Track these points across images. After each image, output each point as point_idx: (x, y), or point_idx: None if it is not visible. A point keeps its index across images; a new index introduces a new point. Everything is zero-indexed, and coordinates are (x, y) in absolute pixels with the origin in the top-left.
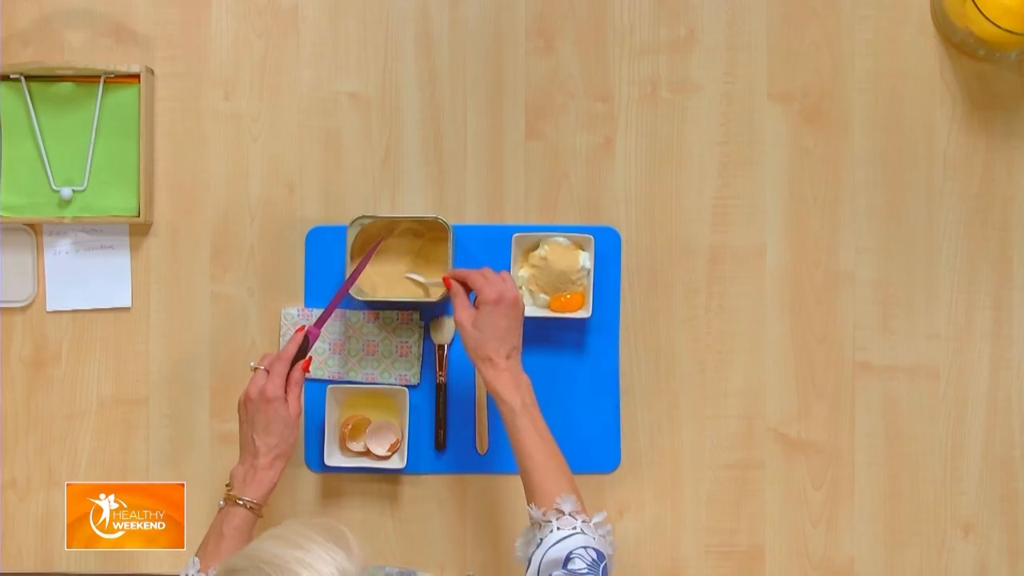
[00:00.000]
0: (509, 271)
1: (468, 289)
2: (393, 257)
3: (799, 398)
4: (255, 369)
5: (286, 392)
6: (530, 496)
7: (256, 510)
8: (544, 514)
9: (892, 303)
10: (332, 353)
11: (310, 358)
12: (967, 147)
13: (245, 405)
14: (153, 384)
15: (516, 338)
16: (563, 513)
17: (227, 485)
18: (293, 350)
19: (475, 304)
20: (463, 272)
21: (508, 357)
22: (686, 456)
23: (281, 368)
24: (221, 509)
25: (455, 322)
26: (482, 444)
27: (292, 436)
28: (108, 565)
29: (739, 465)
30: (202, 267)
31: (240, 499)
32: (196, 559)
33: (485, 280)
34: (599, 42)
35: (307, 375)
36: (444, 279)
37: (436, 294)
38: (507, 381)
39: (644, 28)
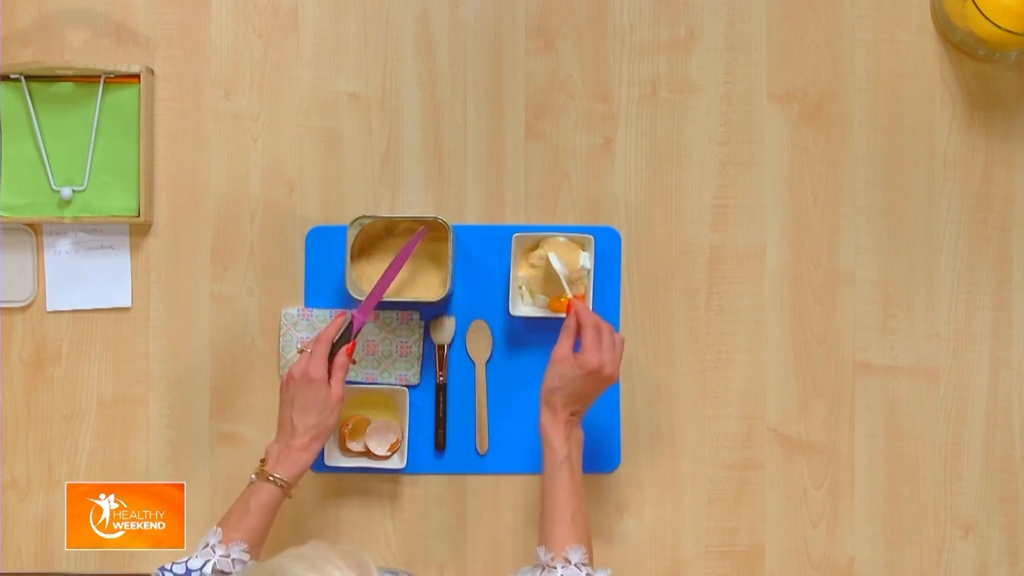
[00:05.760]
0: (623, 339)
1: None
2: (392, 256)
3: (799, 398)
4: (301, 351)
5: (330, 376)
6: (542, 538)
7: (286, 489)
8: (552, 559)
9: (892, 303)
10: None
11: (354, 343)
12: (967, 147)
13: (287, 384)
14: (153, 384)
15: (588, 403)
16: (569, 563)
17: (261, 460)
18: (333, 332)
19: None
20: (587, 317)
21: (572, 413)
22: (686, 456)
23: (321, 349)
24: (251, 483)
25: (553, 354)
26: (482, 444)
27: (331, 419)
28: (108, 565)
29: (739, 465)
30: (202, 267)
31: (271, 476)
32: (218, 529)
33: (597, 343)
34: (599, 42)
35: (352, 362)
36: (568, 303)
37: (436, 296)
38: (560, 430)
39: (644, 28)
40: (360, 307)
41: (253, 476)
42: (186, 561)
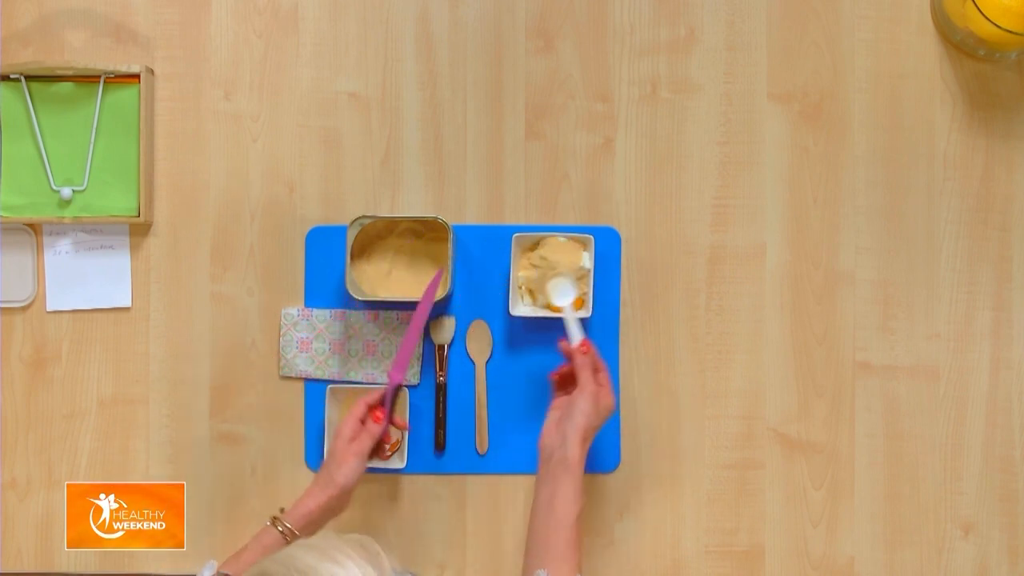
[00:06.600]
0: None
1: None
2: (392, 256)
3: (799, 398)
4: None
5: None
6: (544, 561)
7: (288, 536)
8: None
9: (892, 303)
10: (332, 353)
11: (384, 410)
12: (967, 147)
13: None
14: (153, 384)
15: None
16: None
17: (281, 509)
18: (374, 397)
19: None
20: (600, 362)
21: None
22: (686, 456)
23: (356, 410)
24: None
25: (587, 392)
26: (482, 444)
27: (341, 473)
28: (108, 565)
29: (739, 465)
30: (202, 267)
31: (280, 525)
32: (213, 563)
33: (606, 381)
34: (599, 42)
35: (399, 430)
36: (585, 349)
37: (436, 296)
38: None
39: (644, 28)
40: (394, 367)
41: (268, 521)
42: None
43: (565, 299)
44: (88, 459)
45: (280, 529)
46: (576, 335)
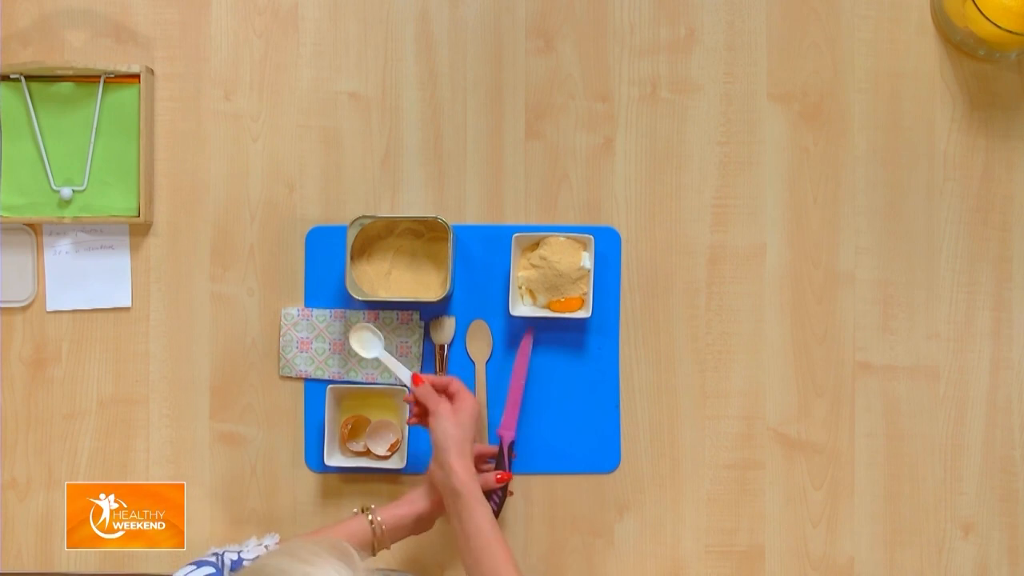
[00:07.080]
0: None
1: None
2: (392, 256)
3: (799, 398)
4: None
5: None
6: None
7: (377, 529)
8: None
9: (892, 303)
10: (332, 353)
11: (507, 475)
12: (967, 147)
13: None
14: (153, 384)
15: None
16: None
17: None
18: (491, 451)
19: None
20: (439, 380)
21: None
22: (686, 456)
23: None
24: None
25: (444, 411)
26: (482, 444)
27: (432, 490)
28: (108, 565)
29: (739, 465)
30: (202, 267)
31: (371, 515)
32: (276, 535)
33: (461, 390)
34: (599, 42)
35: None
36: (416, 383)
37: (436, 296)
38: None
39: (644, 28)
40: (503, 426)
41: (356, 510)
42: (239, 550)
43: (372, 351)
44: (88, 459)
45: (370, 518)
46: (403, 374)
